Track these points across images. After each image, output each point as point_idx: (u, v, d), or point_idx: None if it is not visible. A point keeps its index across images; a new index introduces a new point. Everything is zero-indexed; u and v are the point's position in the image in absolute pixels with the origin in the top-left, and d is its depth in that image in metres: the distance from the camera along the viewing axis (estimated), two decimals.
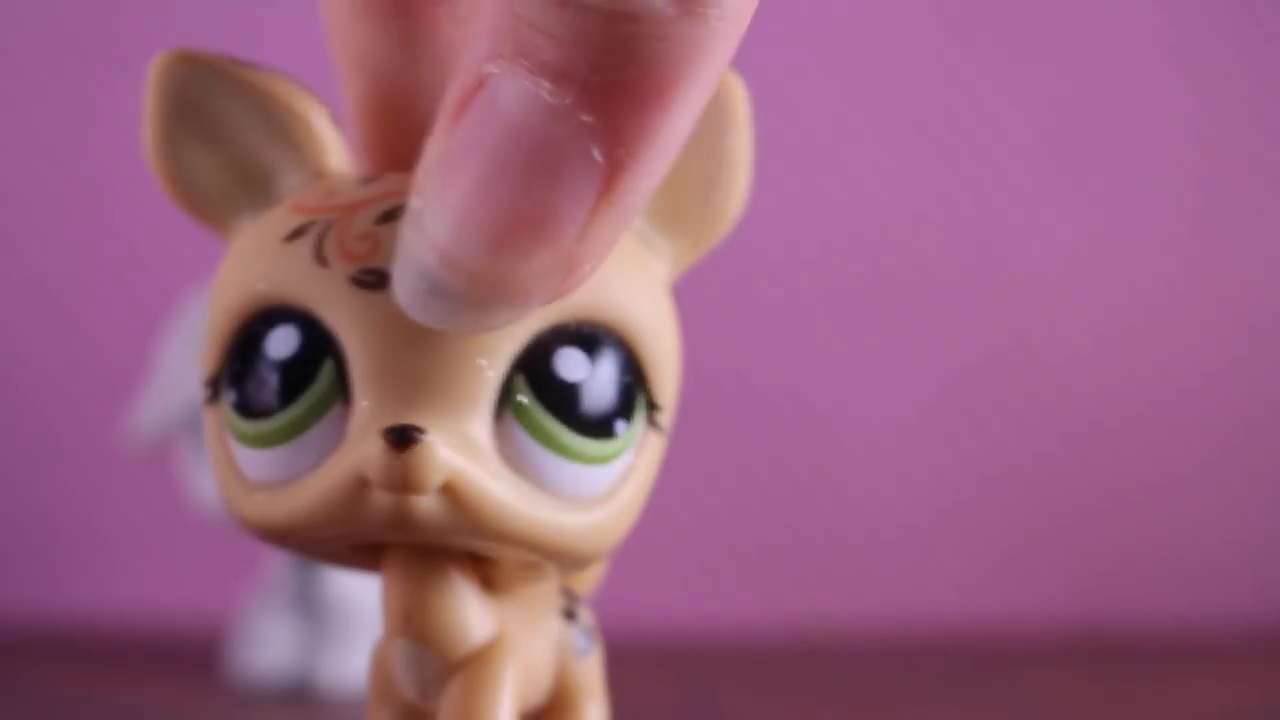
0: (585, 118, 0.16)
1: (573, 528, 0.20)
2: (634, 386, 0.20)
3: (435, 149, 0.17)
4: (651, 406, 0.20)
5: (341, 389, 0.19)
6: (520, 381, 0.19)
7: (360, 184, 0.20)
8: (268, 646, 0.43)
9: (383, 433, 0.18)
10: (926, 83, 0.57)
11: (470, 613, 0.20)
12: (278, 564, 0.44)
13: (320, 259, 0.19)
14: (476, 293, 0.17)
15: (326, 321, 0.19)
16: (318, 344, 0.19)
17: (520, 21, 0.16)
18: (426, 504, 0.19)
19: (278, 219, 0.20)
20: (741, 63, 0.24)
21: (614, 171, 0.17)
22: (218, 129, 0.21)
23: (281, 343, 0.20)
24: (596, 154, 0.17)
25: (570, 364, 0.20)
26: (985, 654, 0.52)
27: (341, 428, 0.19)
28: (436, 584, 0.20)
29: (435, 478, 0.18)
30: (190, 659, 0.47)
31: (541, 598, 0.21)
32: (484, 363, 0.19)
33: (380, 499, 0.19)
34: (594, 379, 0.20)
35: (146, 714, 0.39)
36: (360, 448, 0.19)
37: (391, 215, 0.19)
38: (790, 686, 0.46)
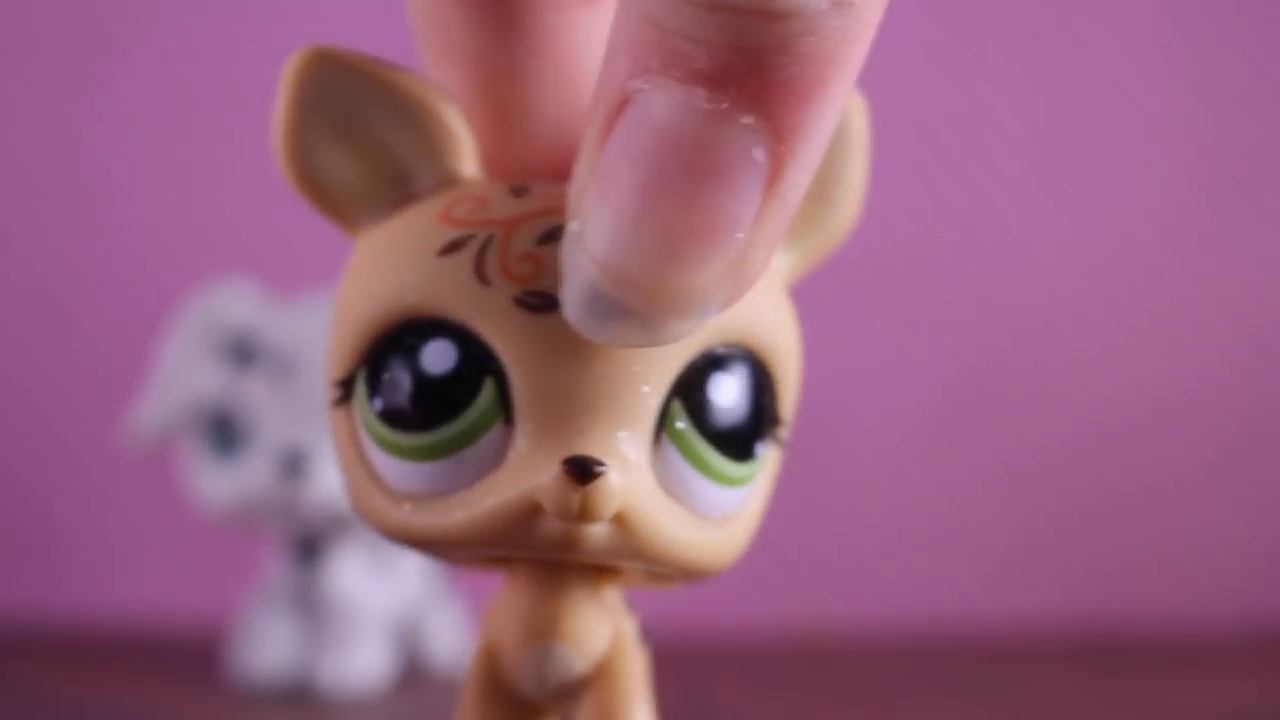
0: (746, 119, 0.17)
1: (712, 545, 0.20)
2: (767, 406, 0.21)
3: (586, 168, 0.18)
4: (777, 423, 0.21)
5: (501, 408, 0.19)
6: (677, 407, 0.20)
7: (511, 196, 0.20)
8: (268, 646, 0.43)
9: (563, 464, 0.19)
10: (926, 84, 0.57)
11: (598, 615, 0.21)
12: (278, 564, 0.44)
13: (482, 277, 0.19)
14: (653, 307, 0.17)
15: (488, 341, 0.19)
16: (477, 361, 0.19)
17: (666, 34, 0.16)
18: (596, 531, 0.19)
19: (426, 228, 0.20)
20: None
21: (776, 168, 0.17)
22: (352, 127, 0.21)
23: (438, 357, 0.20)
24: (759, 153, 0.17)
25: (722, 388, 0.20)
26: (985, 654, 0.52)
27: (500, 447, 0.19)
28: (571, 591, 0.21)
29: (611, 509, 0.19)
30: (190, 659, 0.47)
31: (617, 597, 0.22)
32: (647, 389, 0.19)
33: (551, 524, 0.19)
34: (739, 402, 0.20)
35: (146, 714, 0.39)
36: (534, 475, 0.19)
37: (552, 236, 0.19)
38: (790, 686, 0.46)
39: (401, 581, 0.45)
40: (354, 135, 0.21)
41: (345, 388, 0.20)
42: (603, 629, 0.21)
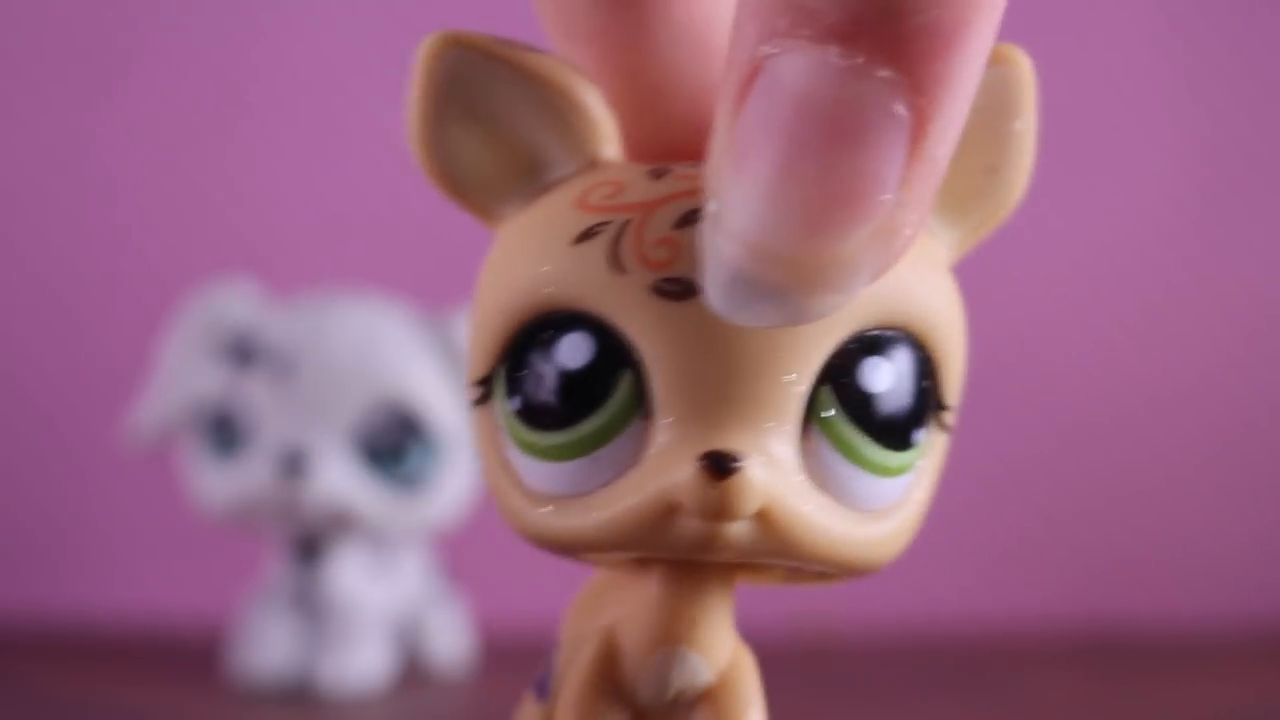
0: (883, 73, 0.16)
1: (868, 540, 0.20)
2: (929, 390, 0.19)
3: (720, 143, 0.17)
4: (941, 407, 0.20)
5: (639, 402, 0.18)
6: (826, 395, 0.19)
7: (649, 178, 0.19)
8: (268, 646, 0.43)
9: (698, 459, 0.18)
10: None
11: (728, 622, 0.20)
12: (278, 564, 0.44)
13: (617, 265, 0.18)
14: (801, 281, 0.16)
15: (625, 331, 0.18)
16: (614, 354, 0.19)
17: None
18: (738, 529, 0.18)
19: (561, 216, 0.19)
20: None
21: (920, 124, 0.16)
22: (487, 113, 0.20)
23: (574, 351, 0.19)
24: (900, 109, 0.16)
25: (876, 374, 0.19)
26: (985, 653, 0.52)
27: (639, 442, 0.18)
28: (708, 595, 0.20)
29: (752, 506, 0.18)
30: (190, 659, 0.47)
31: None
32: (792, 376, 0.18)
33: (690, 523, 0.18)
34: (896, 387, 0.19)
35: (146, 714, 0.39)
36: (671, 472, 0.18)
37: (690, 219, 0.18)
38: (791, 686, 0.46)
39: (401, 581, 0.45)
40: (488, 121, 0.20)
41: (484, 386, 0.20)
42: (730, 637, 0.20)
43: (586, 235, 0.19)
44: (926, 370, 0.19)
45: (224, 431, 0.42)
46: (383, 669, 0.43)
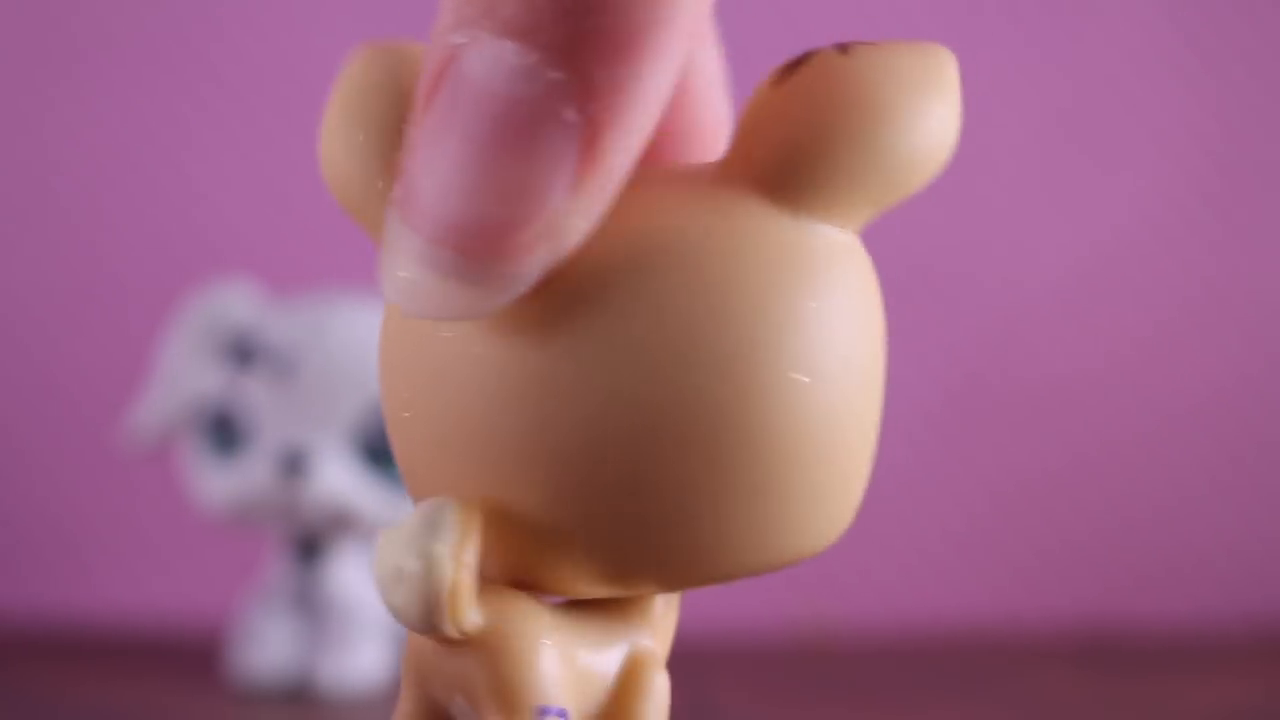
0: (553, 74, 0.15)
1: None
2: None
3: (412, 130, 0.17)
4: None
5: None
6: None
7: None
8: (268, 646, 0.43)
9: None
10: None
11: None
12: (278, 564, 0.44)
13: None
14: (468, 273, 0.16)
15: None
16: None
17: None
18: None
19: None
20: (743, 62, 0.24)
21: (592, 130, 0.16)
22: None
23: None
24: (570, 114, 0.15)
25: None
26: (985, 654, 0.52)
27: None
28: None
29: None
30: (190, 659, 0.47)
31: None
32: None
33: None
34: None
35: (147, 714, 0.39)
36: None
37: None
38: (790, 686, 0.46)
39: None
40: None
41: None
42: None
43: None
44: None
45: (224, 431, 0.42)
46: (383, 669, 0.43)
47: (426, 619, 0.18)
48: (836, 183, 0.18)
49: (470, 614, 0.18)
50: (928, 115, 0.18)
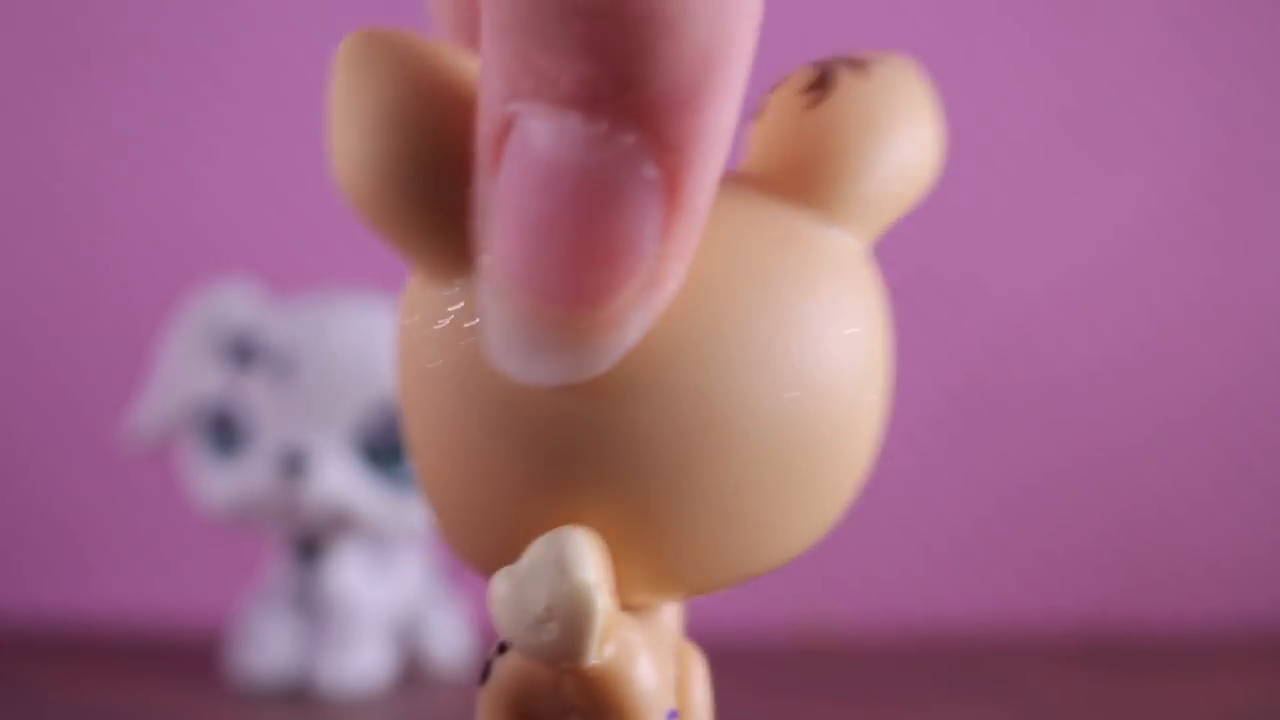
0: (626, 138, 0.15)
1: None
2: None
3: (484, 199, 0.17)
4: None
5: None
6: None
7: None
8: (268, 646, 0.43)
9: None
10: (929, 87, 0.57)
11: None
12: (278, 564, 0.44)
13: None
14: (570, 339, 0.16)
15: None
16: None
17: (530, 54, 0.15)
18: None
19: None
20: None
21: (673, 180, 0.16)
22: None
23: None
24: (649, 170, 0.16)
25: None
26: (986, 654, 0.52)
27: None
28: None
29: None
30: (190, 659, 0.47)
31: None
32: None
33: None
34: None
35: (146, 714, 0.39)
36: None
37: None
38: (791, 686, 0.46)
39: (401, 581, 0.45)
40: None
41: None
42: None
43: None
44: None
45: (224, 431, 0.42)
46: (382, 669, 0.43)
47: (581, 652, 0.18)
48: (869, 194, 0.19)
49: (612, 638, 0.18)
50: (936, 128, 0.21)
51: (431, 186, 0.17)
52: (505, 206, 0.16)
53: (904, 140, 0.20)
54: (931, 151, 0.20)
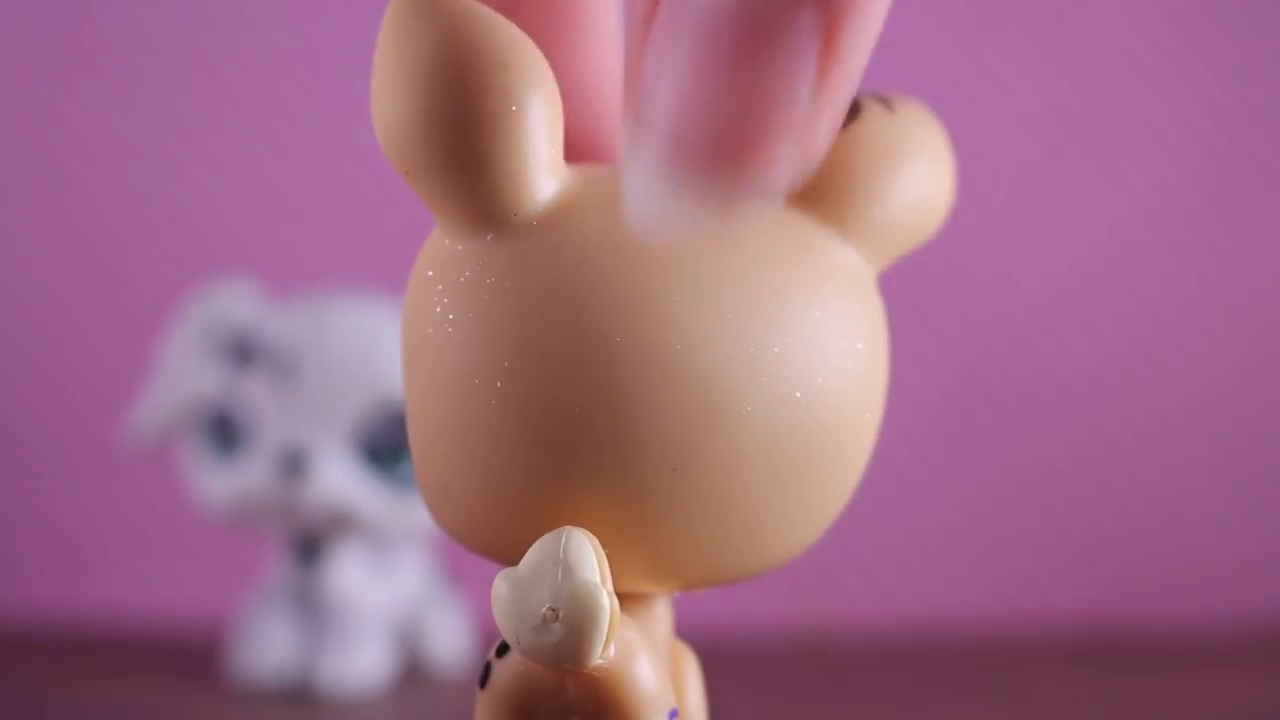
0: None
1: None
2: None
3: (631, 61, 0.16)
4: None
5: None
6: None
7: None
8: (268, 646, 0.43)
9: None
10: (928, 86, 0.57)
11: None
12: (278, 564, 0.44)
13: None
14: (724, 190, 0.16)
15: None
16: None
17: None
18: None
19: None
20: None
21: (830, 32, 0.16)
22: None
23: None
24: (806, 16, 0.15)
25: None
26: (986, 654, 0.52)
27: None
28: None
29: None
30: (190, 659, 0.47)
31: None
32: None
33: None
34: None
35: (146, 714, 0.39)
36: None
37: None
38: (790, 686, 0.46)
39: (401, 581, 0.45)
40: None
41: None
42: None
43: None
44: None
45: (224, 431, 0.42)
46: (383, 669, 0.43)
47: (587, 652, 0.18)
48: (884, 216, 0.21)
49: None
50: (949, 170, 0.22)
51: (466, 142, 0.18)
52: (659, 60, 0.16)
53: (921, 170, 0.21)
54: (944, 190, 0.21)
